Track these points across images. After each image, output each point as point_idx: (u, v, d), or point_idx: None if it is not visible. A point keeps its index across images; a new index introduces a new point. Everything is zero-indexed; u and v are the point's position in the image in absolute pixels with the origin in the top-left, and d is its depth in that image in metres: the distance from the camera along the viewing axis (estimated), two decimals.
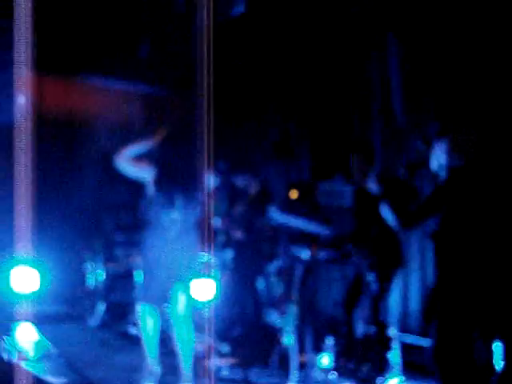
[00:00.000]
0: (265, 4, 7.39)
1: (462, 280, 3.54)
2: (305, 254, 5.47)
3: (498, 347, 3.51)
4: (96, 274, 8.07)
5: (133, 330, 6.99)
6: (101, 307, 7.80)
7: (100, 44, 9.12)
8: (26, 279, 5.98)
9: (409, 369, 5.42)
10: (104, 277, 8.01)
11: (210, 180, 5.78)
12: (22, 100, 7.40)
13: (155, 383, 5.16)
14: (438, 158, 3.75)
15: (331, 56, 7.31)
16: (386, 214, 4.16)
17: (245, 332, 6.89)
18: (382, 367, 4.63)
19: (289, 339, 5.39)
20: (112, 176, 8.18)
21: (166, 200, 5.12)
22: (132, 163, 5.30)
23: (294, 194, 7.08)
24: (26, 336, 6.10)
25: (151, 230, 5.20)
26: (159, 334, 5.20)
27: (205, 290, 6.16)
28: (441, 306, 3.71)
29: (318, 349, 5.61)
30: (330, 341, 5.64)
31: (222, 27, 5.59)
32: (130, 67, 9.37)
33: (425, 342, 5.61)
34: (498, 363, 3.52)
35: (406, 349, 5.55)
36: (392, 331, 5.02)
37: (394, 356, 5.08)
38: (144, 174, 5.39)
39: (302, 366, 5.41)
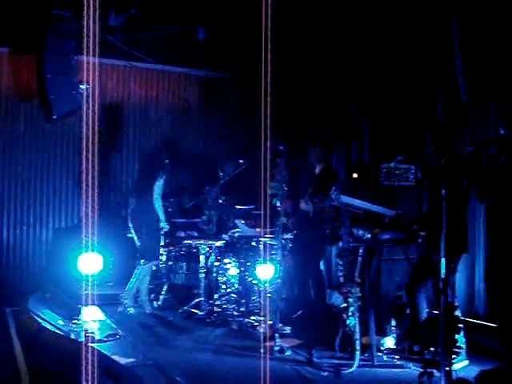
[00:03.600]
0: None
1: None
2: (367, 236, 5.42)
3: None
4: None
5: (195, 311, 7.12)
6: (163, 289, 7.93)
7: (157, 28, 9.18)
8: (91, 263, 6.15)
9: (473, 351, 5.35)
10: (166, 259, 8.14)
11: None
12: (87, 87, 7.53)
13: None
14: None
15: (393, 35, 7.16)
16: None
17: (308, 313, 6.91)
18: (448, 350, 4.55)
19: (352, 321, 5.36)
20: (172, 161, 8.31)
21: None
22: None
23: (354, 175, 7.02)
24: (93, 317, 6.26)
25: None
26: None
27: (265, 271, 6.22)
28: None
29: (382, 331, 5.57)
30: (393, 323, 5.59)
31: (280, 5, 5.51)
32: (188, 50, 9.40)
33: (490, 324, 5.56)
34: None
35: (471, 331, 5.47)
36: (458, 313, 4.94)
37: (460, 338, 4.99)
38: None
39: (366, 348, 5.37)
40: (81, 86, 7.90)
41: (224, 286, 7.35)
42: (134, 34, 9.29)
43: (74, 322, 6.17)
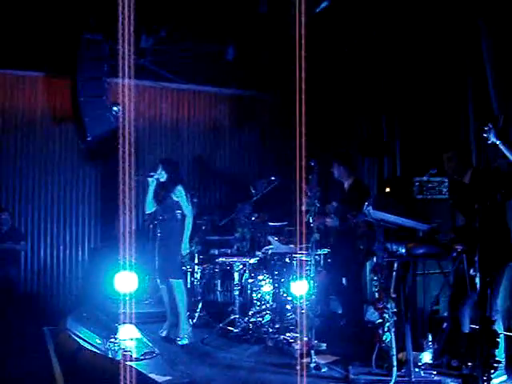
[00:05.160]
0: None
1: None
2: (401, 250, 5.38)
3: None
4: (193, 274, 8.25)
5: (231, 329, 7.13)
6: (198, 306, 7.96)
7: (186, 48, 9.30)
8: (127, 282, 6.22)
9: None
10: (200, 276, 8.17)
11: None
12: (120, 109, 7.67)
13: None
14: None
15: (423, 48, 7.15)
16: None
17: (344, 329, 6.87)
18: (487, 364, 4.49)
19: (388, 336, 5.32)
20: (205, 178, 8.39)
21: None
22: None
23: (386, 189, 6.99)
24: (130, 336, 6.31)
25: None
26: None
27: (300, 288, 6.22)
28: None
29: (418, 346, 5.51)
30: (430, 338, 5.53)
31: (309, 23, 5.54)
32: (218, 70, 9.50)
33: None
34: None
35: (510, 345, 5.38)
36: (497, 327, 4.87)
37: (499, 353, 4.92)
38: None
39: (402, 364, 5.31)
40: (114, 108, 8.05)
41: (258, 303, 7.34)
42: (163, 55, 9.44)
43: (111, 340, 6.21)
